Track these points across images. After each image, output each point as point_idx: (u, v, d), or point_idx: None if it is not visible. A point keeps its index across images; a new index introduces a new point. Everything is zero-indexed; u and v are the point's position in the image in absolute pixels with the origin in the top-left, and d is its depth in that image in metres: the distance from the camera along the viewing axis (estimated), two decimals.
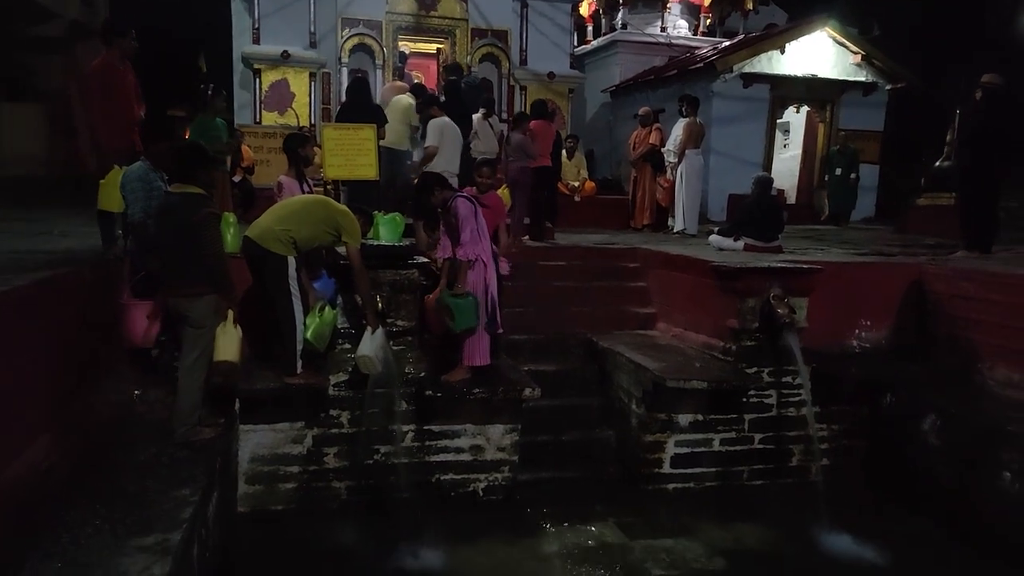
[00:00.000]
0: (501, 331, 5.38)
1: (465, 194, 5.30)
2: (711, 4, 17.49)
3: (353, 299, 5.42)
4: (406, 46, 13.09)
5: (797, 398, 5.80)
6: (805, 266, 5.99)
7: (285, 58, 12.45)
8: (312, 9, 12.72)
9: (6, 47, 15.31)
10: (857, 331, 6.33)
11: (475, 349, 5.20)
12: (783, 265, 6.00)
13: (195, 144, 5.13)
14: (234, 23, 13.91)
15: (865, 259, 6.98)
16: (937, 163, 11.24)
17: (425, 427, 5.28)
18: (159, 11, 22.62)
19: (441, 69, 11.69)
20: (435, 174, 5.51)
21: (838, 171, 12.03)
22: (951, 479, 5.14)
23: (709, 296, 6.14)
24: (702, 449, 5.73)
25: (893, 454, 5.73)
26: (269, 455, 5.07)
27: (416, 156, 8.06)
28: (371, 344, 4.92)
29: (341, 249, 5.12)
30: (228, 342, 4.28)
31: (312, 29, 12.77)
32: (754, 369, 5.75)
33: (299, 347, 4.83)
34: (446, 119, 7.52)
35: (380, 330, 5.03)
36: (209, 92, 7.00)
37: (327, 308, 4.97)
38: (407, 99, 8.40)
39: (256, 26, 12.67)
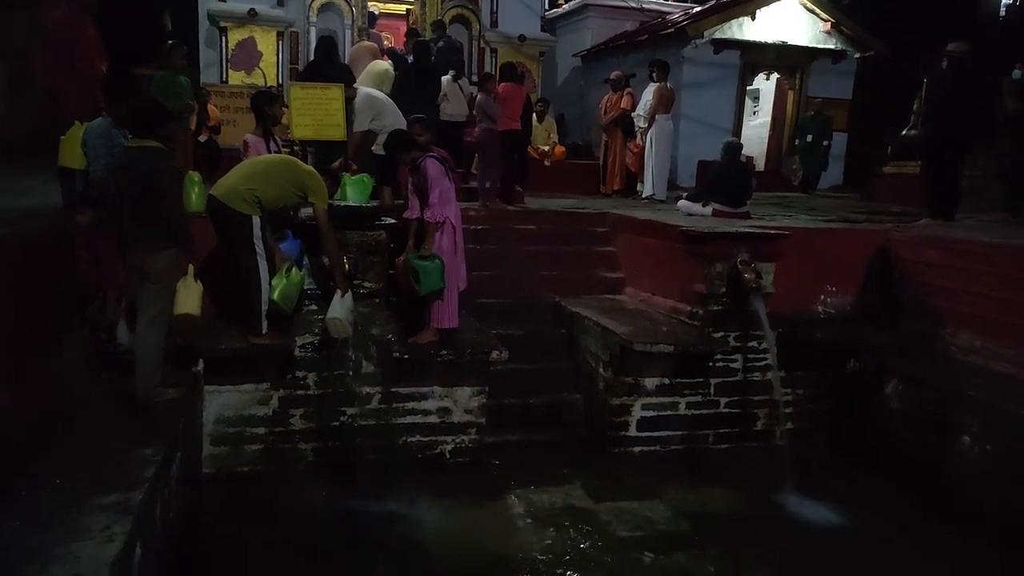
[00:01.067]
0: (465, 287, 5.36)
1: (435, 154, 5.23)
2: None
3: (319, 260, 5.36)
4: (375, 6, 12.77)
5: (763, 363, 5.89)
6: (772, 232, 6.05)
7: (252, 16, 12.05)
8: None
9: None
10: (823, 297, 6.41)
11: (443, 311, 5.17)
12: (751, 231, 6.05)
13: (151, 99, 4.99)
14: None
15: (832, 225, 7.06)
16: (904, 132, 11.38)
17: (392, 389, 5.26)
18: None
19: (408, 29, 11.42)
20: (406, 132, 5.39)
21: (809, 137, 11.94)
22: (914, 443, 5.28)
23: (677, 261, 6.17)
24: (668, 413, 5.80)
25: (857, 419, 5.87)
26: (234, 416, 5.02)
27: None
28: (341, 307, 4.88)
29: (308, 210, 5.03)
30: (189, 296, 4.22)
31: None
32: (720, 334, 5.82)
33: (265, 307, 4.78)
34: (367, 91, 6.87)
35: (349, 292, 4.99)
36: (168, 49, 6.74)
37: (294, 269, 4.91)
38: (384, 64, 8.24)
39: None
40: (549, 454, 5.59)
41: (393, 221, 5.66)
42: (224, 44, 12.16)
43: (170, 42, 6.76)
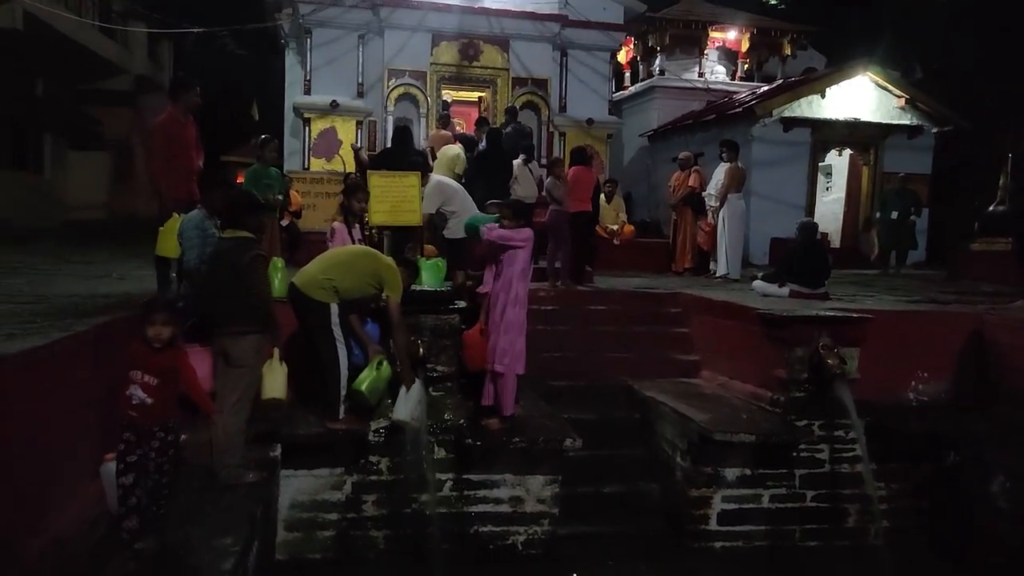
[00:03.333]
0: (523, 372, 5.31)
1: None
2: (748, 50, 17.58)
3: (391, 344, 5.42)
4: (449, 94, 13.32)
5: (851, 453, 5.57)
6: (855, 315, 5.83)
7: (334, 107, 12.80)
8: (361, 62, 13.12)
9: (77, 100, 16.18)
10: (914, 383, 6.09)
11: (509, 398, 5.13)
12: (832, 314, 5.84)
13: (246, 193, 5.28)
14: (287, 75, 14.46)
15: (919, 307, 6.77)
16: (991, 207, 10.92)
17: (464, 476, 5.20)
18: (219, 64, 23.79)
19: (478, 117, 11.85)
20: (530, 206, 5.45)
21: (894, 214, 11.07)
22: (1021, 542, 4.85)
23: (755, 344, 6.00)
24: (751, 505, 5.52)
25: (958, 515, 5.44)
26: (308, 501, 5.03)
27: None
28: (406, 405, 4.87)
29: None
30: (275, 380, 4.34)
31: (360, 80, 13.14)
32: (804, 422, 5.56)
33: (342, 392, 4.84)
34: (438, 179, 7.20)
35: (417, 385, 4.98)
36: (260, 142, 7.17)
37: (384, 363, 4.97)
38: (455, 149, 8.57)
39: (308, 78, 13.10)
40: (625, 547, 5.36)
41: (466, 305, 5.71)
42: (307, 133, 12.92)
43: (263, 137, 7.18)
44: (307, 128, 12.91)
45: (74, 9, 14.00)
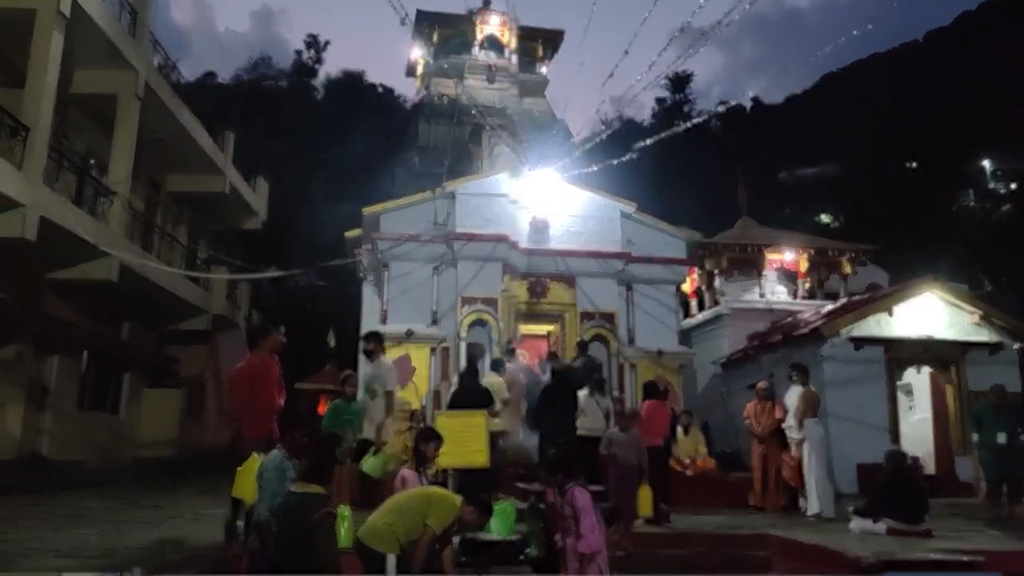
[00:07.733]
0: None
1: (583, 483, 5.21)
2: (808, 269, 17.67)
3: None
4: (518, 328, 13.71)
5: None
6: (966, 559, 5.29)
7: (408, 336, 13.06)
8: (435, 291, 13.59)
9: (158, 340, 17.34)
10: None
11: None
12: (941, 557, 5.33)
13: (330, 440, 5.29)
14: (364, 305, 15.22)
15: None
16: None
17: None
18: (296, 295, 25.51)
19: (548, 353, 12.13)
20: (566, 456, 5.44)
21: (1001, 436, 8.87)
22: None
23: None
24: None
25: None
26: None
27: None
28: None
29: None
30: None
31: (435, 308, 13.49)
32: None
33: None
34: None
35: None
36: (343, 379, 7.45)
37: None
38: (494, 377, 8.96)
39: (385, 307, 13.63)
40: None
41: (539, 556, 5.46)
42: None
43: (346, 372, 7.49)
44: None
45: (165, 260, 15.38)
